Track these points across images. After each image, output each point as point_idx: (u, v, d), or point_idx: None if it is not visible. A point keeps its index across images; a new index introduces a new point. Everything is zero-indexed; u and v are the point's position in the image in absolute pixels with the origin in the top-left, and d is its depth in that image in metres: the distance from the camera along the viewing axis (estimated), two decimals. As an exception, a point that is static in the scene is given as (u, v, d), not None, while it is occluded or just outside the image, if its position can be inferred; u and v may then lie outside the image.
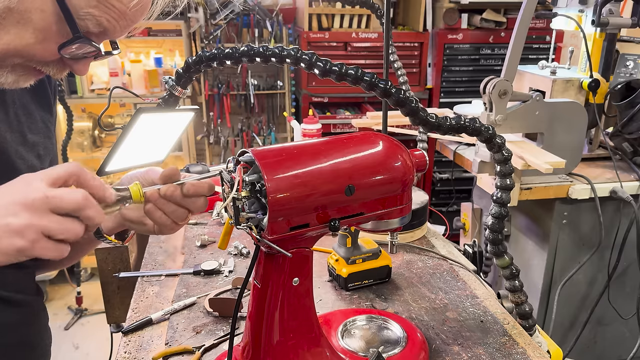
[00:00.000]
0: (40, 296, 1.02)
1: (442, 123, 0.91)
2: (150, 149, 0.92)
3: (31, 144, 0.91)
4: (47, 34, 0.69)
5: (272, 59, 0.83)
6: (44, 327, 1.03)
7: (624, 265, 1.94)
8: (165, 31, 3.29)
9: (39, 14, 0.67)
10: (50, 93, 0.98)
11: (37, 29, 0.68)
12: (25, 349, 0.96)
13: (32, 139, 0.92)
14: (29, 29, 0.68)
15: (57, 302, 3.34)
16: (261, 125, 3.55)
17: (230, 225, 0.77)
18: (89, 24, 0.70)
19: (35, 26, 0.68)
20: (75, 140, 3.31)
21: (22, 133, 0.90)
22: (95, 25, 0.71)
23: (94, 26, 0.71)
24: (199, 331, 1.05)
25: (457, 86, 3.38)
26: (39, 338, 1.00)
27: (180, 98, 1.11)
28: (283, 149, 0.78)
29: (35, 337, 0.99)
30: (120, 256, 1.29)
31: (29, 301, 0.98)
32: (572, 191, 1.84)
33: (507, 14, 3.26)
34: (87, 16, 0.69)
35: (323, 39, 3.18)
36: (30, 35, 0.68)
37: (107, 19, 0.71)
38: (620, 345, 2.10)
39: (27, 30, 0.68)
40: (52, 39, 0.70)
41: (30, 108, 0.93)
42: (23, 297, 0.96)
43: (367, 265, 1.20)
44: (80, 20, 0.69)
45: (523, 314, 1.12)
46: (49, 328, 1.05)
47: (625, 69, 2.07)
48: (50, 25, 0.68)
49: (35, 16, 0.67)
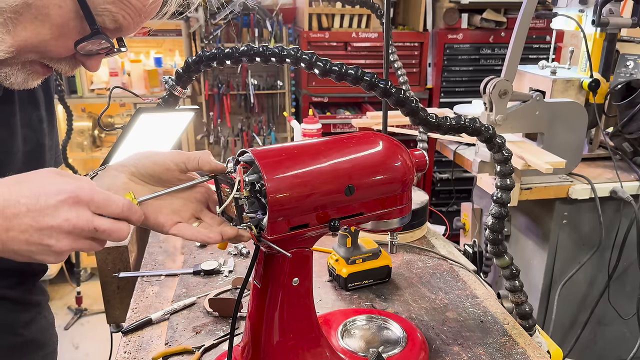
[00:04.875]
0: (45, 295, 1.04)
1: (442, 123, 0.91)
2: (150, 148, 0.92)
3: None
4: (64, 30, 0.69)
5: (272, 59, 0.82)
6: (51, 325, 1.04)
7: (624, 265, 1.94)
8: (165, 31, 3.29)
9: (57, 10, 0.67)
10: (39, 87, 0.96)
11: (55, 25, 0.68)
12: (36, 347, 0.98)
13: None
14: (46, 25, 0.68)
15: (57, 302, 3.34)
16: (261, 125, 3.55)
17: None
18: (105, 20, 0.70)
19: (53, 22, 0.68)
20: (75, 140, 3.31)
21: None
22: (112, 21, 0.71)
23: (110, 22, 0.71)
24: (198, 331, 1.04)
25: (457, 86, 3.38)
26: (47, 336, 1.02)
27: (180, 98, 1.11)
28: (283, 149, 0.78)
29: (44, 335, 1.01)
30: (120, 256, 1.29)
31: (38, 301, 1.00)
32: (572, 191, 1.84)
33: (507, 14, 3.26)
34: (105, 12, 0.69)
35: (323, 38, 3.18)
36: (47, 31, 0.68)
37: (123, 16, 0.71)
38: (620, 345, 2.10)
39: (44, 26, 0.68)
40: (69, 35, 0.70)
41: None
42: (33, 298, 0.98)
43: (367, 265, 1.20)
44: (97, 16, 0.69)
45: (523, 314, 1.12)
46: (55, 327, 1.06)
47: (625, 69, 2.07)
48: (67, 21, 0.68)
49: (54, 12, 0.67)
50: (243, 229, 0.75)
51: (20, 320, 0.94)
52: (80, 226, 0.61)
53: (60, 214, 0.60)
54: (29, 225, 0.59)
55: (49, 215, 0.60)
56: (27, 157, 0.89)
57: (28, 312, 0.96)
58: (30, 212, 0.60)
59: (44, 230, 0.60)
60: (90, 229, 0.62)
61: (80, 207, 0.61)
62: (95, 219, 0.62)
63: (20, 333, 0.94)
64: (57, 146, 1.01)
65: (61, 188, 0.61)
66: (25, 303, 0.96)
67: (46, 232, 0.60)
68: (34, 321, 0.97)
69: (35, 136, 0.91)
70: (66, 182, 0.62)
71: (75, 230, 0.61)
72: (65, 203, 0.61)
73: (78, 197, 0.61)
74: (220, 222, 0.79)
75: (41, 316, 1.00)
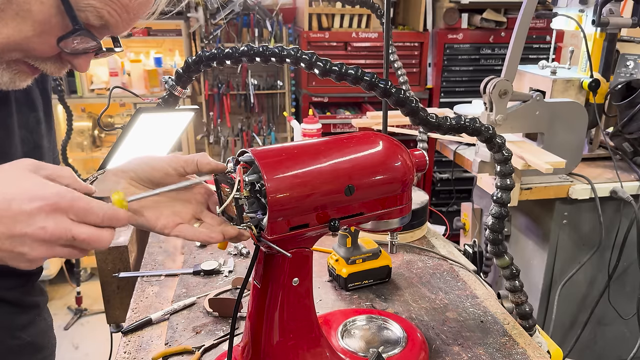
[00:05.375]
0: (44, 296, 1.03)
1: (442, 123, 0.91)
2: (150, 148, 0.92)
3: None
4: (46, 27, 0.67)
5: (272, 59, 0.82)
6: (50, 327, 1.03)
7: (624, 265, 1.94)
8: (165, 31, 3.28)
9: (39, 6, 0.65)
10: (35, 89, 0.94)
11: (37, 21, 0.66)
12: (34, 350, 0.97)
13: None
14: (28, 22, 0.66)
15: (56, 302, 3.34)
16: (261, 125, 3.55)
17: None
18: (89, 16, 0.68)
19: (35, 18, 0.66)
20: (75, 140, 3.31)
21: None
22: (97, 17, 0.68)
23: (95, 19, 0.68)
24: (198, 331, 1.04)
25: (457, 86, 3.38)
26: (46, 339, 1.01)
27: (180, 98, 1.11)
28: (283, 149, 0.78)
29: (42, 337, 0.99)
30: (120, 256, 1.29)
31: (37, 302, 0.99)
32: (572, 191, 1.84)
33: (507, 14, 3.26)
34: (88, 8, 0.67)
35: (323, 38, 3.18)
36: (30, 28, 0.66)
37: (108, 11, 0.68)
38: (620, 345, 2.10)
39: (26, 23, 0.66)
40: (52, 32, 0.67)
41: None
42: (31, 299, 0.97)
43: (367, 265, 1.20)
44: (80, 12, 0.67)
45: (523, 314, 1.12)
46: (53, 329, 1.05)
47: (625, 69, 2.07)
48: (49, 17, 0.66)
49: (35, 7, 0.65)
50: (243, 228, 0.75)
51: (18, 323, 0.93)
52: (58, 234, 0.58)
53: (35, 222, 0.57)
54: (0, 232, 0.56)
55: (22, 222, 0.56)
56: (26, 158, 0.88)
57: (26, 314, 0.95)
58: (2, 219, 0.56)
59: (16, 237, 0.57)
60: (68, 238, 0.59)
61: (58, 214, 0.58)
62: (74, 227, 0.59)
63: (18, 336, 0.92)
64: (55, 147, 1.01)
65: (37, 194, 0.58)
66: (23, 305, 0.94)
67: (18, 240, 0.57)
68: (32, 324, 0.96)
69: (33, 138, 0.90)
70: (43, 186, 0.59)
71: (51, 239, 0.58)
72: (42, 210, 0.57)
73: (56, 204, 0.58)
74: (220, 222, 0.79)
75: (40, 318, 0.99)
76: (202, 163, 0.76)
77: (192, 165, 0.76)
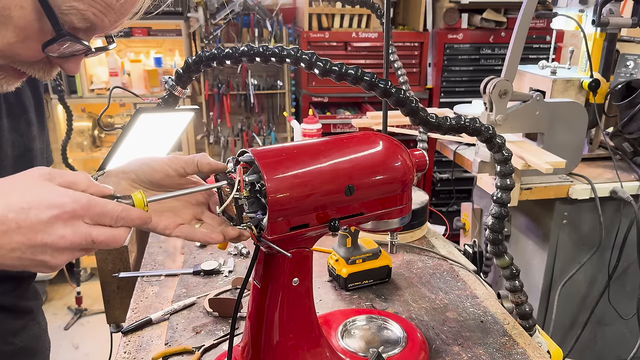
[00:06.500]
0: (39, 300, 1.02)
1: (442, 123, 0.91)
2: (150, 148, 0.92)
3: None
4: (29, 32, 0.64)
5: (272, 59, 0.82)
6: (44, 331, 1.02)
7: (624, 265, 1.94)
8: (165, 31, 3.28)
9: (19, 11, 0.62)
10: (26, 90, 0.93)
11: (18, 27, 0.63)
12: (27, 356, 0.96)
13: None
14: (9, 28, 0.63)
15: (56, 302, 3.33)
16: (261, 125, 3.55)
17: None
18: (73, 19, 0.65)
19: (16, 24, 0.63)
20: (75, 140, 3.31)
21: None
22: (81, 20, 0.66)
23: (80, 21, 0.66)
24: (198, 331, 1.04)
25: (457, 86, 3.38)
26: (40, 343, 1.00)
27: (180, 98, 1.11)
28: (283, 149, 0.78)
29: (36, 342, 0.99)
30: (120, 256, 1.29)
31: (30, 307, 0.98)
32: (572, 191, 1.84)
33: (507, 14, 3.26)
34: (71, 10, 0.64)
35: (323, 38, 3.18)
36: (12, 34, 0.64)
37: (93, 13, 0.66)
38: (620, 345, 2.10)
39: (7, 29, 0.63)
40: (35, 38, 0.65)
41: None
42: (25, 304, 0.96)
43: (367, 265, 1.20)
44: (63, 15, 0.64)
45: (523, 314, 1.12)
46: (48, 333, 1.04)
47: (625, 69, 2.07)
48: (31, 22, 0.63)
49: (15, 13, 0.62)
50: (243, 228, 0.75)
51: (12, 328, 0.91)
52: (78, 242, 0.58)
53: (54, 231, 0.57)
54: (20, 242, 0.56)
55: (41, 232, 0.56)
56: (16, 162, 0.86)
57: (20, 319, 0.94)
58: (21, 229, 0.55)
59: (37, 247, 0.57)
60: (88, 242, 0.59)
61: (75, 220, 0.58)
62: (92, 231, 0.59)
63: (11, 341, 0.91)
64: (48, 147, 0.99)
65: (54, 201, 0.57)
66: (17, 310, 0.93)
67: (39, 249, 0.57)
68: (26, 328, 0.95)
69: (23, 141, 0.89)
70: (60, 194, 0.58)
71: (72, 246, 0.58)
72: (60, 219, 0.57)
73: (73, 211, 0.58)
74: (221, 222, 0.79)
75: (34, 323, 0.98)
76: (202, 163, 0.76)
77: (192, 166, 0.76)
